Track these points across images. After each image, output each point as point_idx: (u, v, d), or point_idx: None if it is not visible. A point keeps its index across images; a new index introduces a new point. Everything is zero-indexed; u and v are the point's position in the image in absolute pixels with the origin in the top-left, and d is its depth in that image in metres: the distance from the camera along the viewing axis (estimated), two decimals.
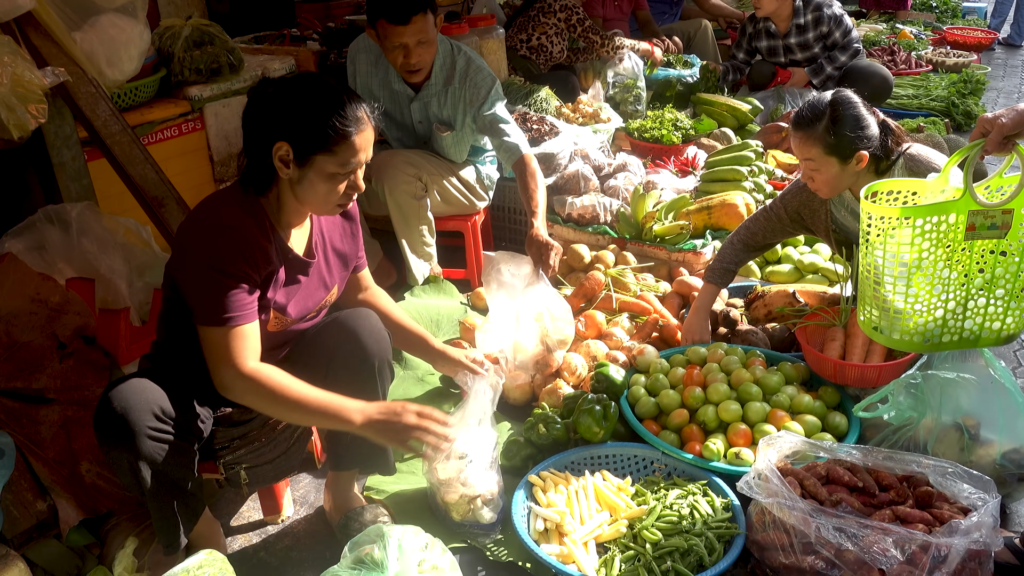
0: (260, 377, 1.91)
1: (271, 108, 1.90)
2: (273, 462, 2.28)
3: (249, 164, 1.97)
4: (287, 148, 1.88)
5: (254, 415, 2.19)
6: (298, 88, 1.92)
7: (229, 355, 1.89)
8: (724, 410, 2.54)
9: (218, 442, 2.17)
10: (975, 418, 2.35)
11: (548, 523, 2.24)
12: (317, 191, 1.95)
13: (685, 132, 4.76)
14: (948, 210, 2.07)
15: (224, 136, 3.89)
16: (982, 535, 1.92)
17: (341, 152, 1.91)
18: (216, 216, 1.94)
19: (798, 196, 2.97)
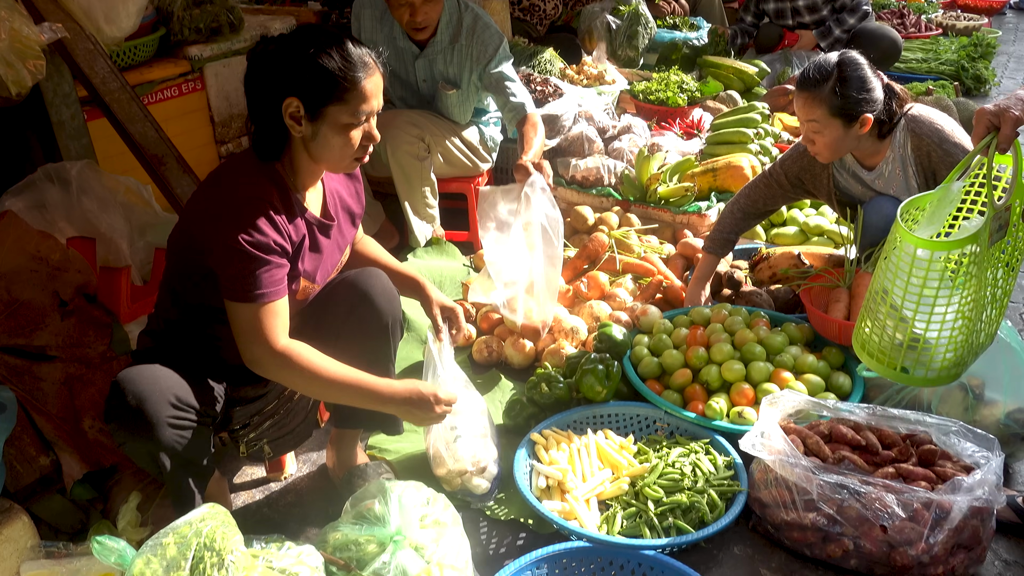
0: (293, 355, 1.87)
1: (275, 65, 1.82)
2: (294, 431, 2.30)
3: (258, 129, 1.90)
4: (297, 103, 1.82)
5: (268, 389, 2.18)
6: (300, 40, 1.84)
7: (261, 332, 1.84)
8: (727, 370, 2.53)
9: (237, 421, 2.15)
10: (980, 378, 2.35)
11: (550, 480, 2.25)
12: (333, 145, 1.89)
13: (691, 94, 4.71)
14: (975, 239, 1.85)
15: (225, 96, 3.85)
16: (984, 492, 1.92)
17: (352, 99, 1.85)
18: (239, 187, 1.86)
19: (798, 161, 2.93)
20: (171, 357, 1.96)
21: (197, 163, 3.75)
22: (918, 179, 2.71)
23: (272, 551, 1.81)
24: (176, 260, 1.98)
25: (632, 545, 1.98)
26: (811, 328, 2.77)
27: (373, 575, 1.83)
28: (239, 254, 1.80)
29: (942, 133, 2.62)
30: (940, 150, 2.60)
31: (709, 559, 2.11)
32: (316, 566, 1.79)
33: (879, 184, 2.80)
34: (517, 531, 2.22)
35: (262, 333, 1.84)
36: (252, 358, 1.88)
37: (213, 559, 1.64)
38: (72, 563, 1.92)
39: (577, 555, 1.98)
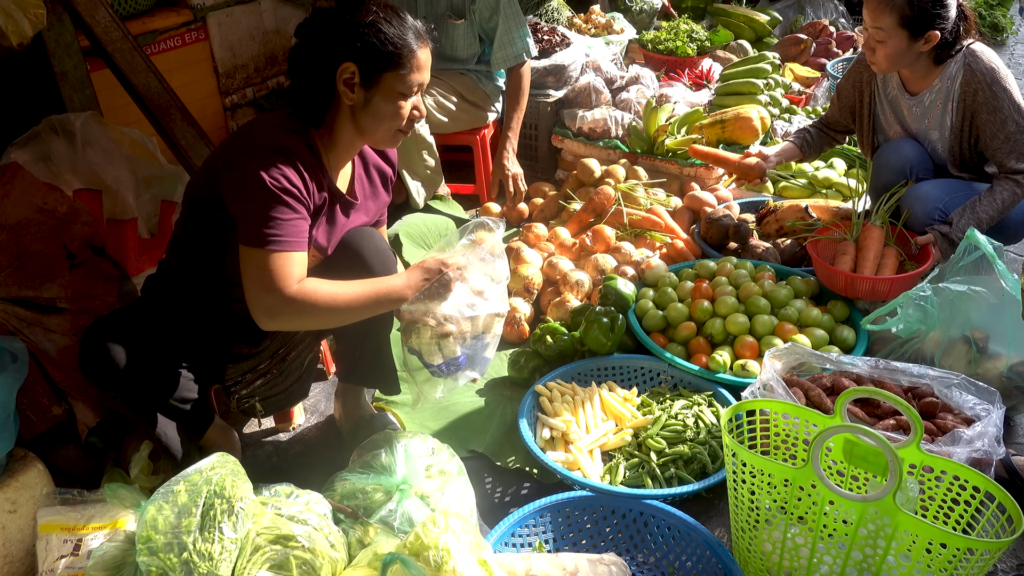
0: (307, 294, 1.80)
1: (333, 28, 1.81)
2: (286, 391, 2.32)
3: (305, 93, 1.87)
4: (353, 68, 1.81)
5: (261, 348, 2.20)
6: (358, 5, 1.84)
7: (273, 280, 1.76)
8: (732, 323, 2.54)
9: (229, 378, 2.18)
10: (984, 331, 2.35)
11: (554, 432, 2.28)
12: (383, 115, 1.88)
13: (700, 44, 4.64)
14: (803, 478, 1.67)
15: (228, 47, 3.81)
16: (984, 444, 1.93)
17: (408, 68, 1.85)
18: (273, 138, 1.82)
19: (851, 75, 2.98)
20: (173, 304, 2.00)
21: (201, 115, 3.74)
22: (954, 117, 2.68)
23: (281, 499, 1.84)
24: (197, 206, 1.96)
25: (634, 495, 2.01)
26: (816, 281, 2.77)
27: (380, 522, 1.87)
28: (260, 191, 1.75)
29: (996, 74, 2.58)
30: (989, 91, 2.57)
31: (710, 508, 2.14)
32: (324, 513, 1.83)
33: (916, 112, 2.78)
34: (522, 481, 2.26)
35: (275, 282, 1.76)
36: (266, 308, 1.79)
37: (223, 506, 1.68)
38: (87, 509, 1.97)
39: (580, 504, 2.02)
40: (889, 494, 1.52)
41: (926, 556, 1.57)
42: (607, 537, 2.01)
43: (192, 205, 1.98)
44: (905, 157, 2.86)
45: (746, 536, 1.83)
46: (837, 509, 1.63)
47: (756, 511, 1.77)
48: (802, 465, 1.63)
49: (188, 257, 2.04)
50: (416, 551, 1.68)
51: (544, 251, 3.11)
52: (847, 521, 1.63)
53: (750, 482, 1.73)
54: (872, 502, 1.55)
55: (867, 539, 1.61)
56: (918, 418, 1.65)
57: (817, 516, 1.65)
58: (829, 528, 1.67)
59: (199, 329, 2.08)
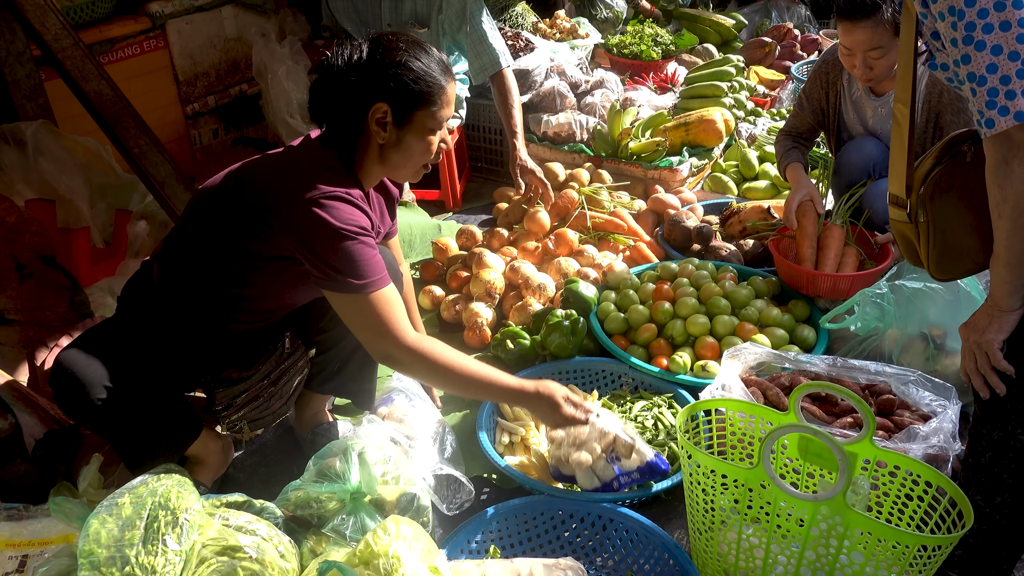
0: (426, 352, 1.84)
1: (364, 70, 1.81)
2: (274, 412, 2.29)
3: (334, 130, 1.88)
4: (385, 108, 1.82)
5: (252, 372, 2.17)
6: (386, 45, 1.83)
7: (387, 327, 1.81)
8: (692, 324, 2.54)
9: (219, 402, 2.14)
10: (941, 328, 2.36)
11: (513, 436, 2.26)
12: (413, 151, 1.89)
13: (665, 48, 4.65)
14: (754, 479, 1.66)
15: (189, 55, 3.78)
16: (939, 440, 1.93)
17: (439, 103, 1.86)
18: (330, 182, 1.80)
19: (817, 77, 2.99)
20: (156, 327, 1.95)
21: (161, 123, 3.71)
22: (919, 117, 2.66)
23: (230, 510, 1.81)
24: (217, 230, 1.89)
25: (592, 498, 1.99)
26: (778, 281, 2.78)
27: (333, 531, 1.83)
28: (339, 240, 1.76)
29: None
30: (954, 92, 2.57)
31: (670, 510, 2.13)
32: (275, 523, 1.80)
33: (881, 113, 2.79)
34: (480, 487, 2.24)
35: (388, 328, 1.81)
36: (384, 354, 1.85)
37: (168, 518, 1.64)
38: (33, 524, 1.92)
39: (538, 508, 2.00)
40: (839, 493, 1.51)
41: (878, 553, 1.56)
42: (566, 541, 1.99)
43: (206, 229, 1.92)
44: (868, 155, 2.88)
45: (703, 537, 1.82)
46: (790, 509, 1.62)
47: (712, 512, 1.75)
48: (755, 465, 1.62)
49: (184, 276, 1.96)
50: (366, 559, 1.65)
51: (507, 255, 3.10)
52: (800, 521, 1.62)
53: (704, 483, 1.72)
54: (823, 501, 1.54)
55: (820, 538, 1.60)
56: (870, 412, 1.65)
57: (771, 516, 1.64)
58: (783, 528, 1.66)
59: (187, 353, 2.01)
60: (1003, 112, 1.43)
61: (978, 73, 1.45)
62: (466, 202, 3.93)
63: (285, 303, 2.07)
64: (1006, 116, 1.42)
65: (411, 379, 2.34)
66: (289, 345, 2.27)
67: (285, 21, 4.14)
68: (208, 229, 1.91)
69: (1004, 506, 1.74)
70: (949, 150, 1.75)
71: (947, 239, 1.77)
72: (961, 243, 1.77)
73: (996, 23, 1.40)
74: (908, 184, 1.78)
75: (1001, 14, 1.39)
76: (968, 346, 1.70)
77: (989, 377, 1.66)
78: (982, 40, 1.42)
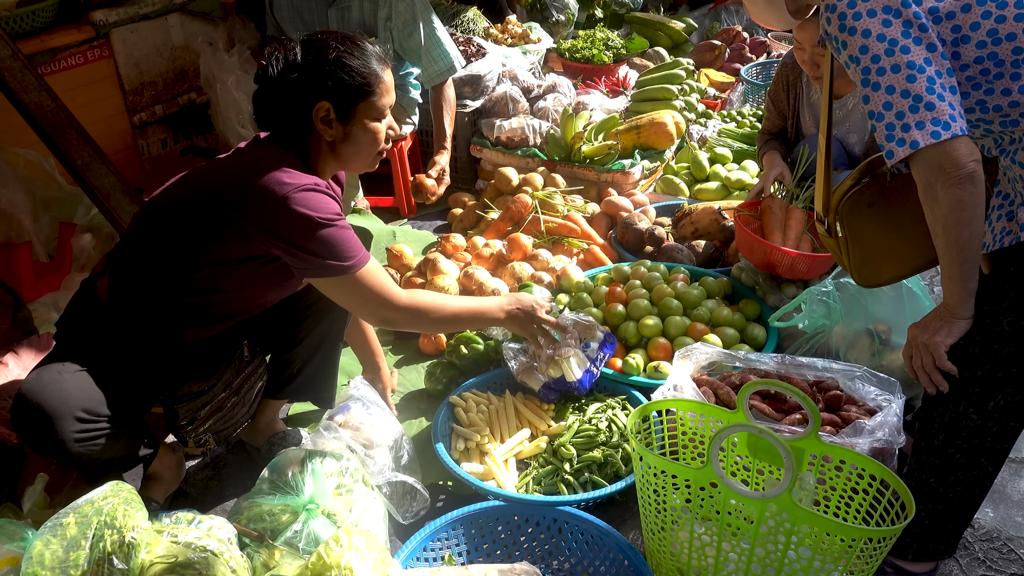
0: (420, 305, 2.01)
1: (301, 71, 1.84)
2: (239, 420, 2.26)
3: (283, 133, 1.91)
4: (328, 107, 1.86)
5: (214, 380, 2.13)
6: (319, 44, 1.86)
7: (382, 293, 1.93)
8: (644, 325, 2.56)
9: (183, 417, 2.10)
10: (886, 323, 2.41)
11: (469, 443, 2.26)
12: (362, 143, 1.94)
13: (617, 52, 4.69)
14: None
15: (135, 64, 3.72)
16: (885, 434, 1.97)
17: (378, 94, 1.91)
18: (294, 177, 1.81)
19: (779, 79, 3.08)
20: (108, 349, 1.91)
21: (108, 134, 3.64)
22: (869, 138, 2.78)
23: (180, 526, 1.78)
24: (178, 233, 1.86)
25: (547, 502, 2.00)
26: (729, 281, 2.82)
27: (286, 544, 1.82)
28: (324, 234, 1.81)
29: None
30: None
31: (625, 511, 2.14)
32: (227, 538, 1.77)
33: (838, 115, 2.87)
34: (437, 494, 2.23)
35: (382, 296, 1.93)
36: (382, 318, 1.99)
37: (114, 536, 1.61)
38: None
39: (493, 514, 2.00)
40: (785, 490, 1.54)
41: (825, 548, 1.59)
42: (522, 546, 1.99)
43: (160, 237, 1.89)
44: None
45: (656, 538, 1.83)
46: (739, 507, 1.65)
47: (664, 512, 1.77)
48: (703, 465, 1.64)
49: (137, 290, 1.92)
50: (318, 571, 1.64)
51: (462, 261, 3.10)
52: (749, 519, 1.64)
53: (655, 484, 1.74)
54: (770, 499, 1.56)
55: (768, 535, 1.62)
56: (815, 409, 1.68)
57: (721, 515, 1.66)
58: (733, 526, 1.68)
59: (144, 370, 1.98)
60: (900, 143, 1.56)
61: (876, 111, 1.59)
62: (421, 208, 3.92)
63: (256, 304, 2.05)
64: (903, 147, 1.56)
65: (368, 388, 2.32)
66: (248, 352, 2.24)
67: (234, 28, 4.09)
68: (164, 240, 1.88)
69: (957, 483, 1.82)
70: (869, 171, 1.89)
71: (866, 252, 1.96)
72: (879, 255, 1.95)
73: (888, 66, 1.56)
74: (826, 204, 1.95)
75: (891, 59, 1.55)
76: (915, 345, 1.77)
77: (933, 376, 1.75)
78: (877, 82, 1.58)
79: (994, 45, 1.54)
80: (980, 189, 1.55)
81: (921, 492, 1.86)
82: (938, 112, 1.52)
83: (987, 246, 1.69)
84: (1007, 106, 1.58)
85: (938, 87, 1.53)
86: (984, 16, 1.54)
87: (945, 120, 1.52)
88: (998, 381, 1.68)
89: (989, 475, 1.84)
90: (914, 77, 1.53)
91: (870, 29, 1.56)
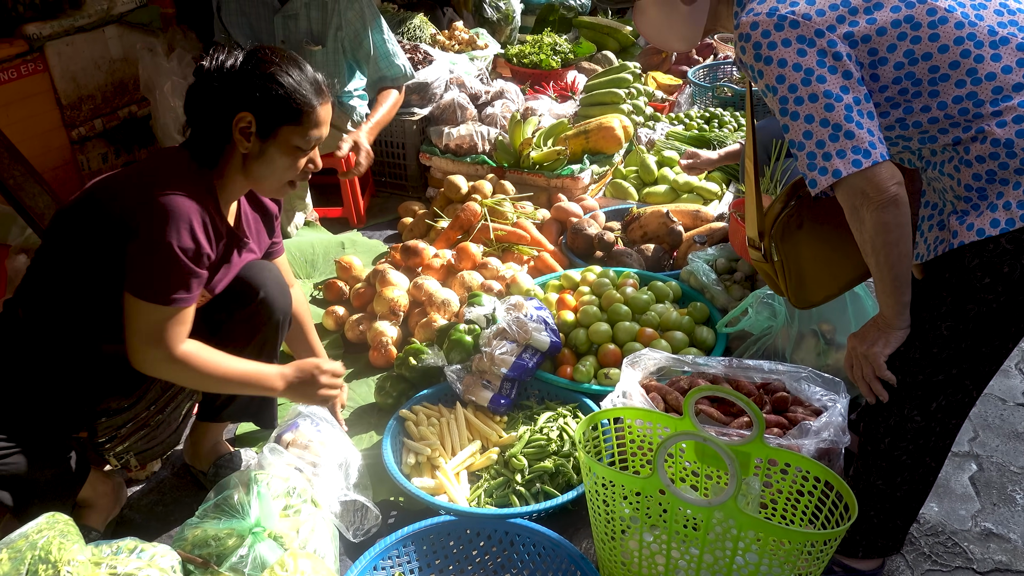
0: (190, 359, 1.85)
1: (233, 78, 1.79)
2: (163, 442, 2.19)
3: (201, 136, 1.84)
4: (250, 119, 1.79)
5: (136, 399, 2.06)
6: (260, 57, 1.82)
7: (164, 338, 1.80)
8: (594, 332, 2.56)
9: (102, 435, 2.03)
10: (830, 324, 2.44)
11: (419, 457, 2.23)
12: (276, 166, 1.87)
13: (564, 56, 4.70)
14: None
15: (71, 77, 3.62)
16: (830, 434, 1.99)
17: (307, 123, 1.84)
18: (181, 189, 1.76)
19: None
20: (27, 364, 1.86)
21: (45, 149, 3.55)
22: None
23: (121, 556, 1.73)
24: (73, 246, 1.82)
25: (498, 515, 1.99)
26: (678, 285, 2.83)
27: (231, 570, 1.78)
28: (169, 257, 1.74)
29: None
30: None
31: (578, 520, 2.14)
32: (169, 567, 1.73)
33: None
34: (388, 510, 2.20)
35: (165, 339, 1.80)
36: (144, 359, 1.83)
37: (48, 571, 1.56)
38: None
39: (444, 529, 1.98)
40: (731, 497, 1.54)
41: (772, 552, 1.60)
42: (474, 560, 1.97)
43: (65, 245, 1.84)
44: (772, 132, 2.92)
45: (607, 547, 1.83)
46: (686, 514, 1.65)
47: (614, 522, 1.77)
48: (651, 474, 1.64)
49: (49, 302, 1.87)
50: None
51: (412, 271, 3.07)
52: (696, 526, 1.65)
53: (604, 494, 1.74)
54: (716, 506, 1.57)
55: (716, 541, 1.63)
56: (759, 413, 1.69)
57: (669, 523, 1.67)
58: (681, 534, 1.68)
59: (63, 387, 1.91)
60: (823, 172, 1.58)
61: (796, 140, 1.60)
62: (371, 218, 3.88)
63: None
64: (825, 175, 1.58)
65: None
66: None
67: (175, 39, 4.01)
68: (71, 249, 1.83)
69: (904, 483, 1.85)
70: (795, 193, 1.91)
71: (801, 274, 1.97)
72: (814, 276, 1.98)
73: (805, 96, 1.57)
74: (760, 229, 1.95)
75: (808, 88, 1.56)
76: (855, 355, 1.81)
77: (873, 385, 1.79)
78: (796, 111, 1.59)
79: (911, 65, 1.57)
80: (904, 210, 1.58)
81: (869, 493, 1.89)
82: (858, 140, 1.55)
83: (922, 256, 1.72)
84: (926, 122, 1.61)
85: (856, 114, 1.55)
86: (900, 38, 1.57)
87: (865, 148, 1.55)
88: (939, 384, 1.71)
89: (933, 472, 1.87)
90: (832, 106, 1.55)
91: (785, 59, 1.57)
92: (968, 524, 2.17)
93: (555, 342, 2.45)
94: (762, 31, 1.60)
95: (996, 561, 2.07)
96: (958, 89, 1.56)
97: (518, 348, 2.40)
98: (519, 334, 2.40)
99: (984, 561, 2.06)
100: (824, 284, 2.00)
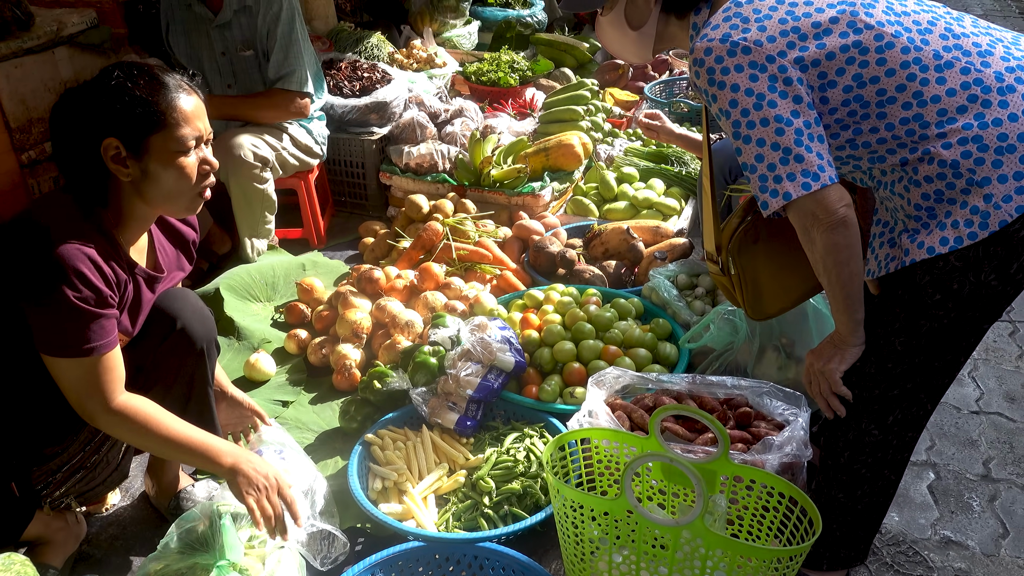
0: (130, 412, 1.77)
1: (82, 107, 1.68)
2: (105, 481, 2.11)
3: (76, 178, 1.73)
4: (116, 143, 1.67)
5: (68, 443, 1.96)
6: (102, 77, 1.70)
7: (97, 389, 1.73)
8: (559, 351, 2.57)
9: (37, 482, 1.95)
10: (790, 338, 2.48)
11: (386, 482, 2.22)
12: (166, 180, 1.73)
13: (522, 74, 4.72)
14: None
15: (20, 100, 3.54)
16: (793, 448, 2.02)
17: (172, 123, 1.70)
18: (57, 236, 1.65)
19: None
20: None
21: None
22: None
23: None
24: None
25: (467, 539, 1.98)
26: (640, 301, 2.86)
27: None
28: (69, 309, 1.65)
29: None
30: None
31: (547, 542, 2.14)
32: None
33: None
34: (356, 536, 2.18)
35: (98, 390, 1.73)
36: (87, 414, 1.77)
37: None
38: None
39: (412, 555, 1.96)
40: (698, 516, 1.56)
41: (740, 569, 1.62)
42: None
43: None
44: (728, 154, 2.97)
45: (576, 568, 1.83)
46: (654, 535, 1.66)
47: (583, 544, 1.77)
48: (619, 494, 1.65)
49: None
50: None
51: (374, 293, 3.05)
52: (664, 546, 1.66)
53: (572, 516, 1.74)
54: (683, 526, 1.58)
55: (685, 560, 1.64)
56: (724, 431, 1.71)
57: (638, 543, 1.68)
58: (651, 554, 1.69)
59: None
60: (774, 195, 1.63)
61: (748, 163, 1.65)
62: (331, 238, 3.85)
63: None
64: (776, 198, 1.62)
65: (280, 431, 2.27)
66: None
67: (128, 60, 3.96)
68: None
69: (864, 496, 1.89)
70: (752, 208, 1.96)
71: (757, 286, 2.03)
72: (769, 288, 2.03)
73: (757, 120, 1.61)
74: (718, 243, 2.00)
75: (759, 112, 1.60)
76: (812, 372, 1.86)
77: (831, 401, 1.83)
78: (748, 135, 1.63)
79: (859, 88, 1.62)
80: (853, 231, 1.63)
81: (831, 507, 1.92)
82: (807, 164, 1.59)
83: (873, 272, 1.77)
84: (875, 143, 1.66)
85: (805, 138, 1.59)
86: (848, 62, 1.61)
87: (814, 171, 1.59)
88: (894, 398, 1.75)
89: (893, 484, 1.91)
90: (782, 130, 1.59)
91: (738, 84, 1.61)
92: (928, 533, 2.22)
93: (520, 362, 2.45)
94: (715, 56, 1.63)
95: (956, 568, 2.11)
96: (905, 111, 1.61)
97: (483, 369, 2.40)
98: (484, 355, 2.41)
99: (944, 569, 2.11)
100: (779, 297, 2.06)
